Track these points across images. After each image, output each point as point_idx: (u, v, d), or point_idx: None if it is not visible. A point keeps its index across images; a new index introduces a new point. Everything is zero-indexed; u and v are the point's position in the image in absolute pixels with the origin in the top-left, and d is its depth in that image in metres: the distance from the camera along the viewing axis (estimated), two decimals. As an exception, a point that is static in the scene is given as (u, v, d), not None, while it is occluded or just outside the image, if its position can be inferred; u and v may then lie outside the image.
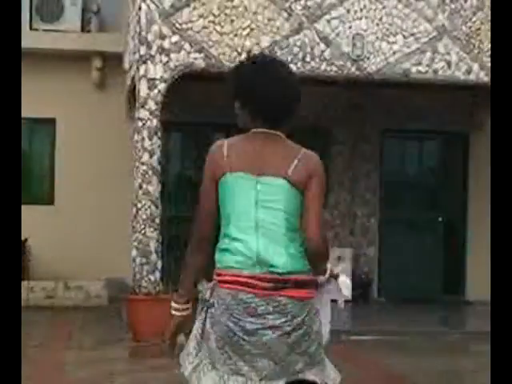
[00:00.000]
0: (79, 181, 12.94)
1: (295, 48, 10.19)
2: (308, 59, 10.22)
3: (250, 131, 3.68)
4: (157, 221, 9.87)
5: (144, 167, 9.86)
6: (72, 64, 12.85)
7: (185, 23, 10.03)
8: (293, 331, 3.55)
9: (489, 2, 10.27)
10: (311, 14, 10.32)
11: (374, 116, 13.45)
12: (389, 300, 13.32)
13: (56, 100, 12.92)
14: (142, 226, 9.81)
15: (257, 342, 3.54)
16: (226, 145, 3.63)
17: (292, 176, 3.56)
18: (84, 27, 13.09)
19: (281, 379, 3.58)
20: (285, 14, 10.27)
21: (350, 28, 10.41)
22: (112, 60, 12.74)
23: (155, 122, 9.89)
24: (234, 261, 3.56)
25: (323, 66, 10.36)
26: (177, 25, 10.00)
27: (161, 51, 9.93)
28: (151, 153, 9.87)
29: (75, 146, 12.97)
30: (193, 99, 12.51)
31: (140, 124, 9.91)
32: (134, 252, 9.85)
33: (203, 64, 10.09)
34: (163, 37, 9.95)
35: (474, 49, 10.62)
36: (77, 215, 12.88)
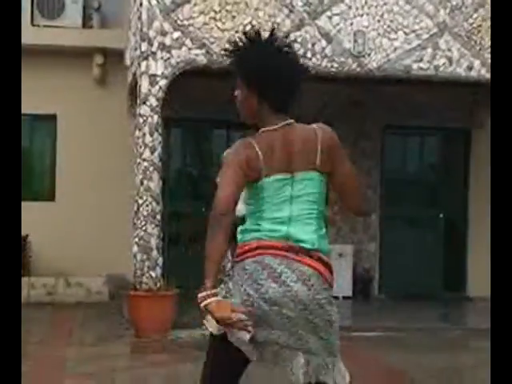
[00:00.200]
0: (80, 177, 12.93)
1: (296, 44, 10.18)
2: (309, 56, 10.22)
3: (266, 128, 3.68)
4: (158, 217, 9.87)
5: (145, 163, 9.86)
6: (73, 60, 12.84)
7: (186, 19, 10.02)
8: (313, 305, 3.56)
9: (490, -1, 10.29)
10: (312, 11, 10.32)
11: (375, 113, 13.45)
12: (389, 296, 13.32)
13: (57, 96, 12.91)
14: (143, 223, 9.81)
15: (276, 312, 3.53)
16: (257, 145, 3.62)
17: (320, 164, 3.67)
18: (85, 23, 13.08)
19: (297, 351, 3.60)
20: (286, 11, 10.26)
21: (352, 24, 10.41)
22: (113, 56, 12.73)
23: (156, 119, 9.89)
24: (263, 234, 3.61)
25: (324, 63, 10.36)
26: (178, 21, 10.00)
27: (162, 47, 9.93)
28: (152, 149, 9.87)
29: (76, 143, 12.96)
30: (193, 95, 12.50)
31: (141, 120, 9.91)
32: (135, 248, 9.86)
33: (204, 60, 10.09)
34: (164, 33, 9.95)
35: (476, 45, 10.62)
36: (77, 211, 12.87)
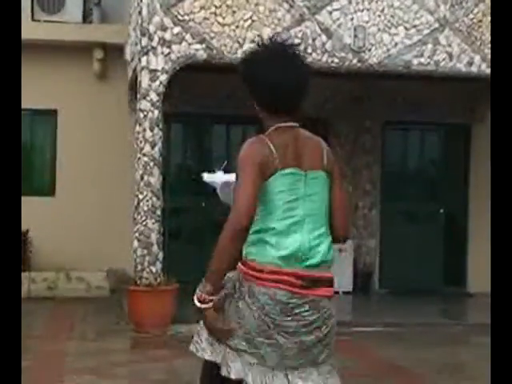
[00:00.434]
0: (80, 172, 12.93)
1: (296, 40, 10.17)
2: (309, 51, 10.21)
3: (277, 125, 3.71)
4: (158, 212, 9.88)
5: (145, 158, 9.86)
6: (73, 55, 12.83)
7: (186, 14, 10.02)
8: (324, 325, 3.66)
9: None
10: (313, 6, 10.31)
11: (376, 108, 13.44)
12: (390, 292, 13.32)
13: (57, 91, 12.90)
14: (144, 218, 9.82)
15: (290, 339, 3.59)
16: (270, 142, 3.65)
17: (327, 165, 3.74)
18: (85, 18, 13.06)
19: (305, 368, 3.66)
20: (286, 6, 10.26)
21: (352, 20, 10.40)
22: (113, 51, 12.72)
23: (156, 114, 9.89)
24: (276, 256, 3.58)
25: (324, 58, 10.35)
26: (178, 16, 9.99)
27: (162, 42, 9.92)
28: (152, 144, 9.87)
29: (76, 138, 12.96)
30: (193, 90, 12.50)
31: (141, 115, 9.91)
32: (136, 243, 9.86)
33: (204, 55, 10.08)
34: (165, 28, 9.94)
35: (476, 41, 10.61)
36: (78, 206, 12.87)
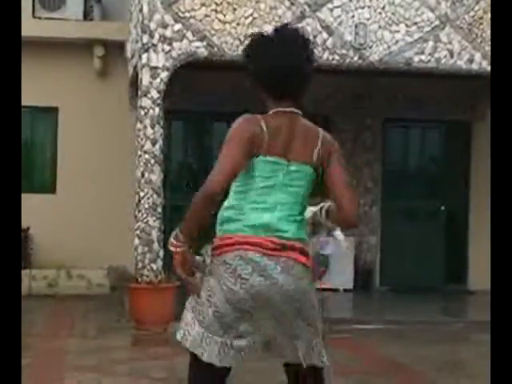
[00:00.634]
0: (81, 169, 12.93)
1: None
2: (310, 48, 10.19)
3: (276, 109, 3.73)
4: (159, 210, 9.88)
5: (146, 156, 9.86)
6: (74, 52, 12.83)
7: (187, 12, 10.01)
8: (298, 294, 3.61)
9: (491, -9, 10.25)
10: (313, 3, 10.30)
11: (376, 105, 13.44)
12: (390, 289, 13.33)
13: (58, 88, 12.89)
14: (144, 215, 9.82)
15: (264, 304, 3.57)
16: (264, 122, 3.65)
17: (316, 161, 3.71)
18: (86, 15, 13.05)
19: (285, 338, 3.66)
20: (287, 3, 10.25)
21: (353, 17, 10.39)
22: (114, 48, 12.72)
23: (157, 111, 9.89)
24: (245, 226, 3.60)
25: (325, 55, 10.35)
26: (179, 13, 9.99)
27: (163, 40, 9.92)
28: (153, 141, 9.86)
29: (77, 135, 12.96)
30: (194, 88, 12.49)
31: (142, 113, 9.90)
32: (136, 241, 9.86)
33: (205, 53, 10.07)
34: (165, 25, 9.94)
35: (477, 38, 10.60)
36: (79, 204, 12.88)
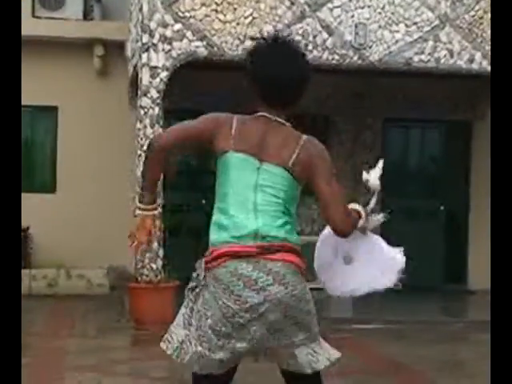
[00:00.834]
0: (81, 169, 12.93)
1: (297, 37, 10.17)
2: (310, 48, 10.20)
3: (256, 114, 3.69)
4: (158, 209, 9.86)
5: (146, 155, 9.84)
6: (74, 52, 12.82)
7: (187, 11, 10.01)
8: (292, 302, 3.59)
9: (491, -9, 10.26)
10: (313, 3, 10.30)
11: (376, 105, 13.44)
12: (390, 289, 13.29)
13: (58, 88, 12.89)
14: (144, 215, 9.79)
15: (259, 316, 3.56)
16: (236, 120, 3.64)
17: (293, 167, 3.60)
18: (86, 15, 13.05)
19: (281, 347, 3.64)
20: (287, 3, 10.25)
21: (353, 17, 10.39)
22: (114, 48, 12.72)
23: (157, 110, 9.89)
24: (231, 235, 3.58)
25: (325, 55, 10.35)
26: (179, 13, 9.99)
27: (163, 39, 9.92)
28: (153, 141, 9.85)
29: (77, 134, 12.96)
30: (194, 87, 12.48)
31: (142, 112, 9.91)
32: (136, 240, 9.84)
33: (205, 52, 10.08)
34: (165, 25, 9.94)
35: (477, 38, 10.60)
36: (78, 203, 12.87)
